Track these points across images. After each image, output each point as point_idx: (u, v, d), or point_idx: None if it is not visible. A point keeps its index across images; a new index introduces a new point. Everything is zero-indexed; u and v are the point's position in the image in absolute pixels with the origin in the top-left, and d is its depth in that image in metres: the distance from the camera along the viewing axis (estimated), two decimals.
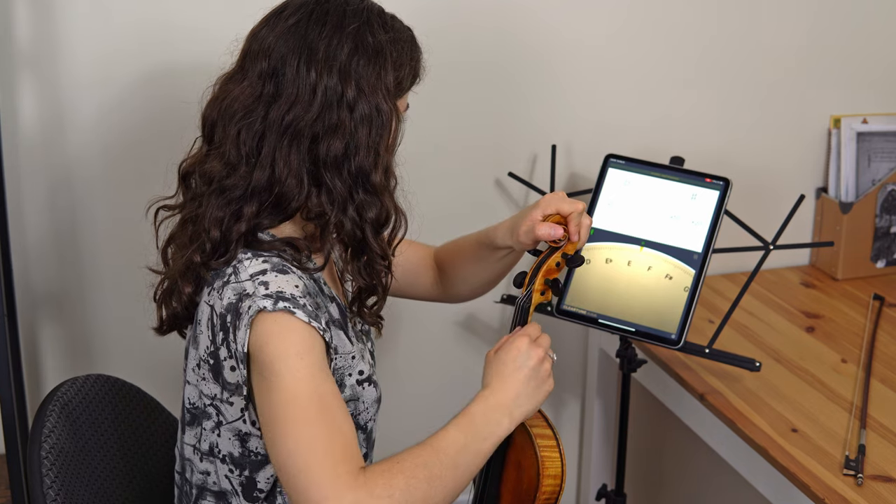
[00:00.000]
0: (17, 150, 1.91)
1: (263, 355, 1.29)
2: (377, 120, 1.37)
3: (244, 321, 1.30)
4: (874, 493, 1.55)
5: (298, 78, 1.35)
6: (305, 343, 1.29)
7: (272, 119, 1.35)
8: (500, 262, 1.69)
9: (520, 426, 1.44)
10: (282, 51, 1.36)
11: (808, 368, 1.90)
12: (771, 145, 2.30)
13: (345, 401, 1.40)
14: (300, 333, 1.29)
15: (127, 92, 1.91)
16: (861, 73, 2.30)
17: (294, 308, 1.29)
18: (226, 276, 1.36)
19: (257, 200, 1.37)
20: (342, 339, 1.42)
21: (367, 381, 1.45)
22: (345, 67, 1.36)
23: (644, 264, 1.81)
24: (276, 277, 1.33)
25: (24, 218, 1.95)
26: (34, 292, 2.00)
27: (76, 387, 1.53)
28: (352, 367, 1.42)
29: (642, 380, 2.06)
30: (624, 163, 1.90)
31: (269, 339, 1.29)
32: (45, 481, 1.38)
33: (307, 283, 1.37)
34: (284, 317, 1.29)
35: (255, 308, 1.29)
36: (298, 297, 1.31)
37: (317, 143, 1.35)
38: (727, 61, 2.22)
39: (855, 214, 2.25)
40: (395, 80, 1.40)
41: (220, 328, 1.35)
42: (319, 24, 1.37)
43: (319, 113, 1.35)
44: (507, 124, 2.14)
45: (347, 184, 1.37)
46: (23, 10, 1.84)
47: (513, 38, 2.09)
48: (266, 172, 1.36)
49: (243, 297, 1.32)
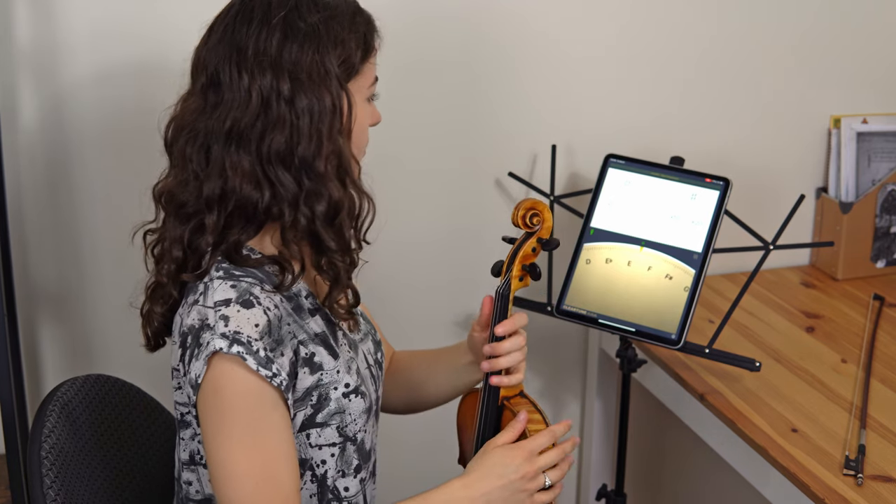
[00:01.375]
0: (17, 149, 1.91)
1: (216, 399, 1.31)
2: (318, 107, 1.33)
3: (203, 354, 1.30)
4: (874, 493, 1.55)
5: (233, 83, 1.33)
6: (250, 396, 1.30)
7: (213, 128, 1.33)
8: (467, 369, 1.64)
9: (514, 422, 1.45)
10: (215, 60, 1.35)
11: (808, 368, 1.90)
12: (771, 145, 2.30)
13: (330, 414, 1.41)
14: (247, 385, 1.30)
15: (127, 92, 1.91)
16: (861, 73, 2.30)
17: (246, 355, 1.29)
18: (197, 294, 1.36)
19: (217, 211, 1.35)
20: (324, 355, 1.40)
21: (354, 393, 1.43)
22: (276, 61, 1.32)
23: (644, 264, 1.81)
24: (238, 313, 1.31)
25: (24, 218, 1.95)
26: (34, 292, 2.00)
27: (76, 387, 1.53)
28: (337, 380, 1.41)
29: (642, 380, 2.06)
30: (624, 163, 1.90)
31: (223, 385, 1.30)
32: (45, 481, 1.38)
33: (276, 313, 1.34)
34: (236, 364, 1.29)
35: (212, 347, 1.29)
36: (254, 341, 1.30)
37: (262, 142, 1.33)
38: (727, 61, 2.22)
39: (855, 214, 2.25)
40: (340, 59, 1.35)
41: (180, 345, 1.36)
42: (245, 22, 1.34)
43: (258, 113, 1.32)
44: (507, 124, 2.13)
45: (295, 177, 1.34)
46: (23, 10, 1.84)
47: (513, 38, 2.09)
48: (218, 182, 1.34)
49: (205, 326, 1.31)
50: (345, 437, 1.44)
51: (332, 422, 1.41)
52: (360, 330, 1.55)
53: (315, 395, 1.39)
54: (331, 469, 1.44)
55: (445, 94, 2.06)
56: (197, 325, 1.32)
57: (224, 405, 1.31)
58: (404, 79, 1.83)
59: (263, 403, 1.31)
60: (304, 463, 1.43)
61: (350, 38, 1.36)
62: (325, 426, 1.41)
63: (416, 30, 2.02)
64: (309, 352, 1.38)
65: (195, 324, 1.33)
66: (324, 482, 1.44)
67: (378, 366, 1.56)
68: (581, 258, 1.86)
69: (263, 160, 1.33)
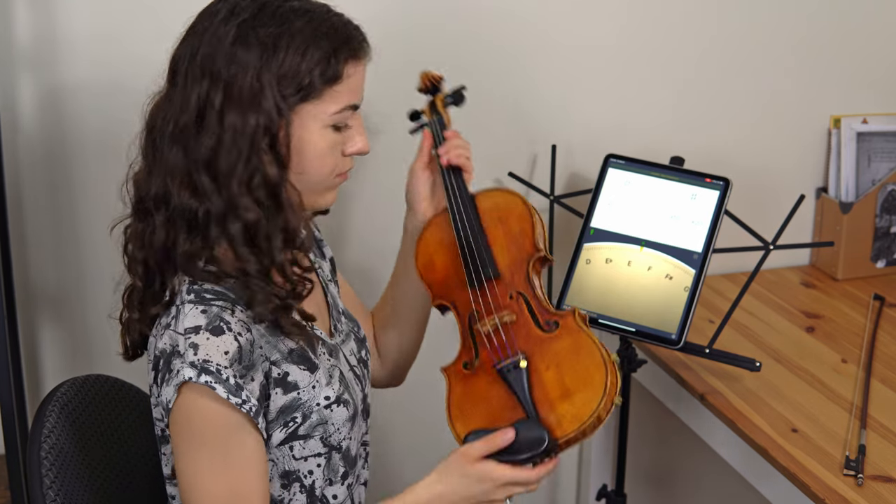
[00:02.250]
0: (16, 149, 1.90)
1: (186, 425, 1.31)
2: (241, 126, 1.28)
3: (173, 381, 1.30)
4: (874, 493, 1.55)
5: (184, 82, 1.31)
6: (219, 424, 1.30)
7: (162, 127, 1.33)
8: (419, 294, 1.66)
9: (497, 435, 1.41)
10: (178, 55, 1.34)
11: (808, 368, 1.90)
12: (771, 145, 2.30)
13: (313, 426, 1.40)
14: (217, 413, 1.29)
15: (127, 92, 1.90)
16: (861, 73, 2.30)
17: (215, 384, 1.28)
18: (169, 317, 1.35)
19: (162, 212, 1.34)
20: (298, 373, 1.39)
21: (337, 403, 1.42)
22: (217, 70, 1.28)
23: (644, 264, 1.81)
24: (208, 340, 1.29)
25: (24, 218, 1.95)
26: (34, 292, 2.00)
27: (76, 387, 1.53)
28: (315, 395, 1.40)
29: (642, 380, 2.06)
30: (624, 163, 1.90)
31: (193, 413, 1.30)
32: (45, 481, 1.38)
33: (248, 338, 1.32)
34: (204, 394, 1.28)
35: (182, 377, 1.28)
36: (223, 369, 1.28)
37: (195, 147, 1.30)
38: (727, 61, 2.22)
39: (855, 214, 2.25)
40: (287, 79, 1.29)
41: (153, 367, 1.36)
42: (209, 20, 1.32)
43: (195, 118, 1.30)
44: (507, 124, 2.13)
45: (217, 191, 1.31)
46: (23, 10, 1.84)
47: (513, 38, 2.09)
48: (162, 182, 1.33)
49: (175, 353, 1.30)
50: (329, 447, 1.43)
51: (315, 433, 1.41)
52: (340, 332, 1.54)
53: (298, 414, 1.38)
54: (318, 479, 1.44)
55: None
56: (168, 349, 1.32)
57: (194, 431, 1.31)
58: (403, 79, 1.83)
59: (232, 429, 1.31)
60: (290, 475, 1.42)
61: (306, 60, 1.29)
62: (308, 438, 1.41)
63: (415, 30, 2.02)
64: (282, 372, 1.37)
65: (167, 348, 1.32)
66: (312, 492, 1.44)
67: (363, 364, 1.56)
68: (581, 258, 1.86)
69: (192, 166, 1.31)
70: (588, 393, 1.39)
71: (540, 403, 1.41)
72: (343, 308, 1.60)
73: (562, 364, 1.43)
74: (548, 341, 1.46)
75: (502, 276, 1.54)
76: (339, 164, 1.40)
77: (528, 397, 1.41)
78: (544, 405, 1.40)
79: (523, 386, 1.42)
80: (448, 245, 1.58)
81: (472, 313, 1.52)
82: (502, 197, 1.62)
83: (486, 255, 1.54)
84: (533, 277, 1.54)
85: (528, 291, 1.52)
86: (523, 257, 1.55)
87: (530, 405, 1.41)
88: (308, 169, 1.36)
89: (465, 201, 1.58)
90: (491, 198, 1.61)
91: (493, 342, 1.47)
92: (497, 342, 1.47)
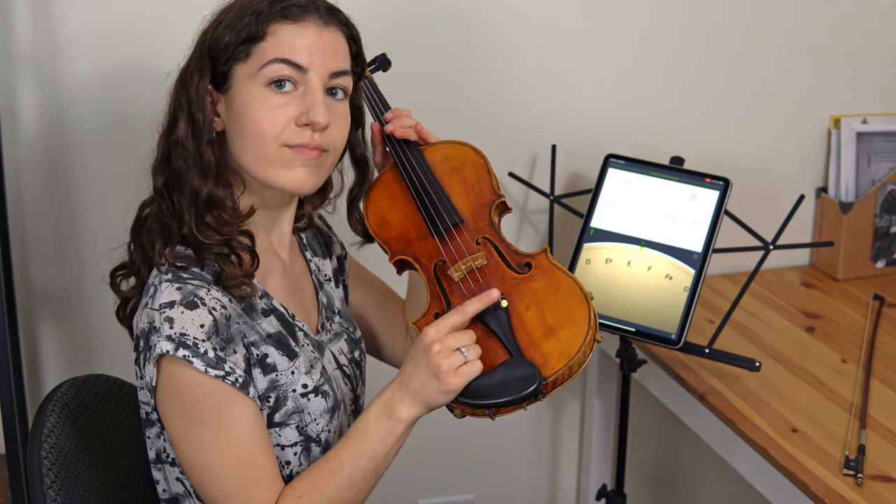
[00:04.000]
0: (17, 150, 1.91)
1: (176, 401, 1.32)
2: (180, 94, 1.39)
3: (152, 356, 1.31)
4: (874, 493, 1.55)
5: None
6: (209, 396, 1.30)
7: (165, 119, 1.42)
8: None
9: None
10: None
11: (808, 368, 1.90)
12: (771, 145, 2.30)
13: (288, 414, 1.40)
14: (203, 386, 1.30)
15: (127, 92, 1.91)
16: (861, 73, 2.30)
17: (193, 357, 1.28)
18: (147, 296, 1.36)
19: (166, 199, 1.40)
20: (276, 356, 1.39)
21: (314, 393, 1.42)
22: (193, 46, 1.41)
23: (644, 264, 1.81)
24: (182, 314, 1.30)
25: (25, 218, 1.95)
26: (34, 292, 2.00)
27: (76, 387, 1.53)
28: (293, 381, 1.40)
29: (642, 380, 2.06)
30: (624, 163, 1.90)
31: (180, 387, 1.31)
32: (45, 481, 1.38)
33: (223, 312, 1.33)
34: (182, 366, 1.29)
35: (159, 350, 1.29)
36: (200, 343, 1.29)
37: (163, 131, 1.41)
38: (727, 61, 2.22)
39: (855, 214, 2.25)
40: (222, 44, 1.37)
41: (134, 348, 1.37)
42: None
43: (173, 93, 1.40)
44: (506, 124, 2.14)
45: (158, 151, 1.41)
46: (23, 10, 1.84)
47: (513, 38, 2.09)
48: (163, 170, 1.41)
49: (152, 329, 1.31)
50: (306, 437, 1.42)
51: (290, 421, 1.40)
52: (329, 330, 1.54)
53: (273, 396, 1.39)
54: (296, 468, 1.43)
55: (445, 95, 2.06)
56: (146, 328, 1.33)
57: (185, 407, 1.31)
58: (403, 79, 1.83)
59: (221, 401, 1.31)
60: None
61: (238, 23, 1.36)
62: (283, 426, 1.40)
63: (414, 30, 2.02)
64: (260, 353, 1.38)
65: (145, 327, 1.33)
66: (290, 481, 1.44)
67: (355, 364, 1.56)
68: (581, 258, 1.86)
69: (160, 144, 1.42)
70: (573, 328, 1.36)
71: (523, 344, 1.37)
72: (340, 309, 1.60)
73: (542, 302, 1.40)
74: (523, 282, 1.42)
75: (466, 222, 1.50)
76: (287, 133, 1.36)
77: (512, 337, 1.38)
78: (528, 345, 1.37)
79: (506, 327, 1.38)
80: (401, 199, 1.54)
81: (437, 263, 1.48)
82: (452, 149, 1.58)
83: (447, 202, 1.51)
84: (496, 222, 1.51)
85: (494, 236, 1.48)
86: (484, 203, 1.52)
87: (514, 345, 1.37)
88: (246, 131, 1.36)
89: (413, 155, 1.55)
90: (439, 150, 1.58)
91: (468, 285, 1.43)
92: (473, 285, 1.43)
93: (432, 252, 1.49)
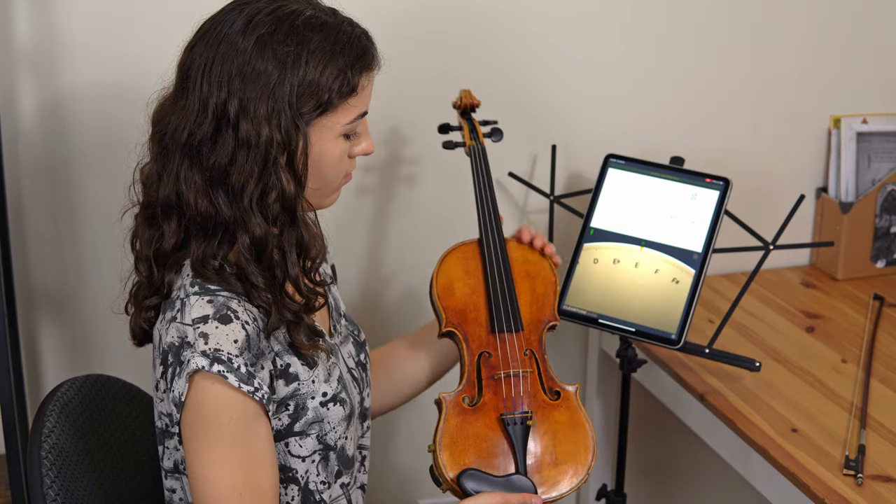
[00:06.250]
0: (16, 150, 1.91)
1: (199, 415, 1.31)
2: (255, 141, 1.29)
3: (185, 371, 1.30)
4: (874, 493, 1.55)
5: (195, 89, 1.31)
6: (234, 412, 1.30)
7: (174, 134, 1.32)
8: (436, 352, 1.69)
9: None
10: (188, 66, 1.33)
11: (808, 368, 1.90)
12: (771, 145, 2.30)
13: (308, 423, 1.40)
14: (231, 402, 1.30)
15: (127, 92, 1.90)
16: (861, 73, 2.30)
17: (227, 372, 1.28)
18: (174, 310, 1.35)
19: (174, 218, 1.35)
20: (298, 365, 1.39)
21: (333, 401, 1.43)
22: (232, 82, 1.28)
23: (643, 264, 1.81)
24: (217, 329, 1.30)
25: (24, 218, 1.95)
26: (34, 292, 2.00)
27: (76, 387, 1.53)
28: (314, 390, 1.41)
29: (642, 380, 2.06)
30: (624, 163, 1.90)
31: (206, 402, 1.30)
32: (45, 481, 1.38)
33: (254, 327, 1.33)
34: (218, 382, 1.29)
35: (194, 365, 1.29)
36: (234, 358, 1.29)
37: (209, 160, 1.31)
38: (727, 61, 2.22)
39: (855, 214, 2.25)
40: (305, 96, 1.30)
41: (161, 362, 1.36)
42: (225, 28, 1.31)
43: (210, 130, 1.30)
44: (506, 124, 2.13)
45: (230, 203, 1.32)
46: (23, 10, 1.84)
47: (513, 39, 2.09)
48: (173, 190, 1.33)
49: (185, 344, 1.31)
50: (325, 446, 1.43)
51: (311, 431, 1.41)
52: (339, 333, 1.54)
53: (291, 404, 1.39)
54: (312, 476, 1.44)
55: (444, 95, 2.06)
56: (177, 342, 1.32)
57: (208, 421, 1.30)
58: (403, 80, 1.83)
59: (246, 417, 1.31)
60: (284, 470, 1.42)
61: (325, 76, 1.30)
62: (304, 436, 1.41)
63: (414, 30, 2.02)
64: (284, 363, 1.38)
65: (175, 342, 1.32)
66: (306, 490, 1.44)
67: (361, 367, 1.56)
68: (581, 258, 1.86)
69: (208, 179, 1.32)
70: (574, 469, 1.49)
71: (530, 461, 1.49)
72: (345, 311, 1.60)
73: (557, 433, 1.51)
74: (549, 408, 1.53)
75: (524, 331, 1.58)
76: (347, 167, 1.42)
77: (523, 452, 1.48)
78: (533, 464, 1.48)
79: (522, 442, 1.48)
80: (473, 279, 1.61)
81: (483, 354, 1.55)
82: (532, 254, 1.67)
83: (516, 306, 1.59)
84: (544, 341, 1.60)
85: (540, 354, 1.58)
86: (542, 319, 1.61)
87: (523, 460, 1.47)
88: (324, 178, 1.38)
89: (499, 243, 1.62)
90: (520, 249, 1.66)
91: (503, 389, 1.52)
92: (506, 391, 1.52)
93: (484, 342, 1.56)
